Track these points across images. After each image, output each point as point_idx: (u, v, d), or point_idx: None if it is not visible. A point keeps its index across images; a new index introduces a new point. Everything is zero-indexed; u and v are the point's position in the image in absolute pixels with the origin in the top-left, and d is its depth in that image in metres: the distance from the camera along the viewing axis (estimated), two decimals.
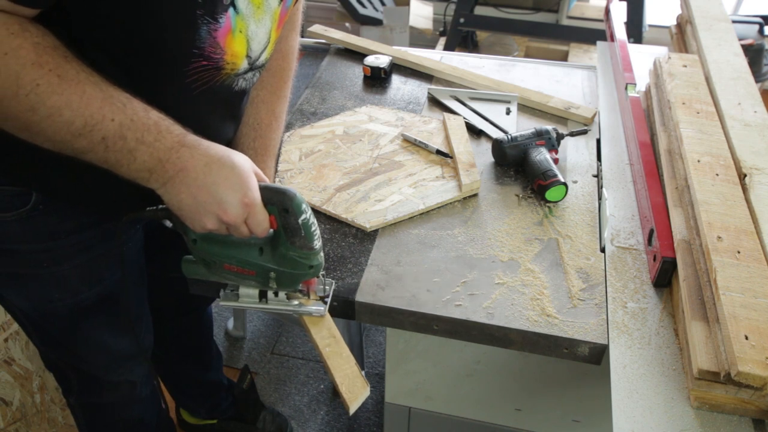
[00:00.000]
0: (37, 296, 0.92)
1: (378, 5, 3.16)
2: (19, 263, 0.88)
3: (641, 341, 0.77)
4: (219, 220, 0.71)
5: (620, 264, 0.89)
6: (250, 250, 0.78)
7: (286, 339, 1.89)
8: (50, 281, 0.90)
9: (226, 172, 0.70)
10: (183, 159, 0.69)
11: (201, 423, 1.58)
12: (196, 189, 0.70)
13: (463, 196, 1.02)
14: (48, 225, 0.85)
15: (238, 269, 0.79)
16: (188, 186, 0.69)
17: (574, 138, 1.17)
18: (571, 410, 1.04)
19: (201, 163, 0.69)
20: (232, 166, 0.70)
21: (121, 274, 0.96)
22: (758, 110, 1.00)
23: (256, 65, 0.80)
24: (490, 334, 0.82)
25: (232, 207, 0.70)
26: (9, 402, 1.32)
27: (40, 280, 0.90)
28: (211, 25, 0.68)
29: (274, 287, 0.80)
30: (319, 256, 0.77)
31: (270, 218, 0.73)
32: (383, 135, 1.17)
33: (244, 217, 0.72)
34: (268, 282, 0.79)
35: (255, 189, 0.72)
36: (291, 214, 0.72)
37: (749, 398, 0.66)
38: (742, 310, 0.67)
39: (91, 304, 0.95)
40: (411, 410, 1.13)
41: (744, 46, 1.23)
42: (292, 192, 0.72)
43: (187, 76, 0.73)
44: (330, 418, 1.68)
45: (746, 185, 0.85)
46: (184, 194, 0.70)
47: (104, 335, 1.01)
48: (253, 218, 0.72)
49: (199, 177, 0.69)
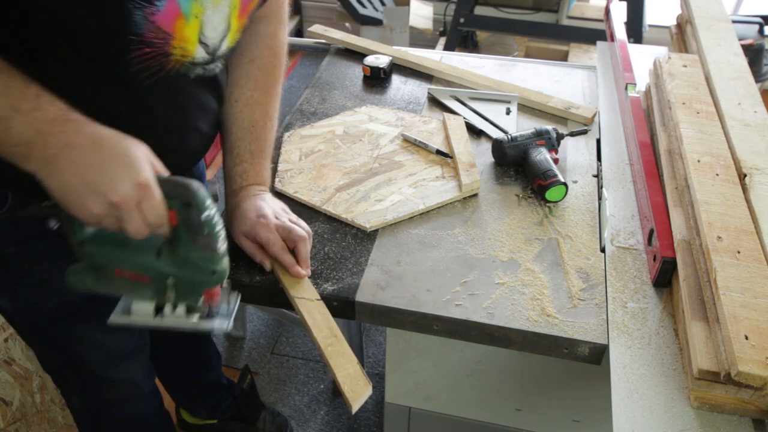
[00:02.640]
0: (23, 299, 0.91)
1: (378, 5, 3.16)
2: (1, 266, 0.86)
3: (641, 341, 0.77)
4: (108, 203, 0.63)
5: (620, 264, 0.89)
6: (146, 252, 0.71)
7: (286, 339, 1.89)
8: (33, 284, 0.89)
9: (118, 151, 0.63)
10: (68, 134, 0.62)
11: (201, 423, 1.58)
12: (83, 168, 0.62)
13: (463, 196, 1.02)
14: (27, 227, 0.82)
15: (131, 275, 0.72)
16: (74, 164, 0.62)
17: (574, 138, 1.17)
18: (571, 410, 1.04)
19: (89, 140, 0.63)
20: (126, 146, 0.64)
21: None
22: (758, 110, 1.00)
23: (217, 55, 0.77)
24: (490, 334, 0.82)
25: (122, 185, 0.62)
26: (9, 402, 1.32)
27: (24, 282, 0.89)
28: (146, 9, 0.66)
29: (172, 298, 0.73)
30: (223, 261, 0.70)
31: (170, 213, 0.67)
32: (383, 135, 1.17)
33: (136, 200, 0.64)
34: (165, 291, 0.72)
35: (149, 171, 0.65)
36: (193, 209, 0.66)
37: (749, 398, 0.66)
38: (742, 310, 0.67)
39: (79, 305, 0.93)
40: (411, 410, 1.13)
41: (744, 46, 1.23)
42: (195, 185, 0.66)
43: (132, 65, 0.70)
44: (330, 418, 1.68)
45: (746, 185, 0.85)
46: (69, 174, 0.62)
47: (98, 334, 1.00)
48: (148, 202, 0.64)
49: (87, 154, 0.62)
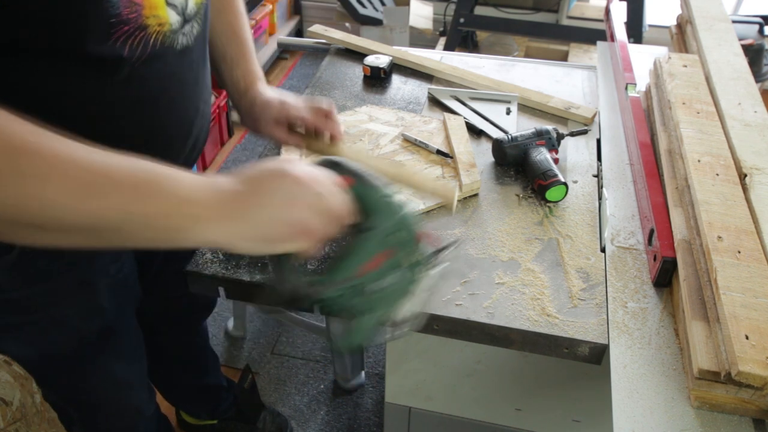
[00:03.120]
0: (38, 341, 0.89)
1: (378, 5, 3.16)
2: (12, 311, 0.84)
3: (641, 341, 0.77)
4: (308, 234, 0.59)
5: (620, 264, 0.89)
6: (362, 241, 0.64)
7: (286, 339, 1.89)
8: (49, 324, 0.87)
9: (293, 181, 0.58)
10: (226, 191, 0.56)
11: (201, 423, 1.58)
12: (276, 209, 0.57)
13: (464, 196, 1.02)
14: (38, 266, 0.80)
15: (372, 264, 0.64)
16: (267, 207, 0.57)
17: (574, 138, 1.17)
18: (571, 410, 1.04)
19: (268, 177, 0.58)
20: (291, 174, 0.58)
21: (117, 304, 0.93)
22: (758, 110, 1.00)
23: (188, 15, 0.74)
24: (490, 333, 0.82)
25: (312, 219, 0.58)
26: (9, 402, 1.32)
27: (39, 324, 0.86)
28: None
29: (406, 261, 0.66)
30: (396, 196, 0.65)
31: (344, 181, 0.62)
32: (383, 135, 1.17)
33: (327, 220, 0.59)
34: (399, 262, 0.65)
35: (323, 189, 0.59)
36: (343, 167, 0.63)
37: (749, 398, 0.66)
38: (743, 310, 0.67)
39: (94, 339, 0.93)
40: (411, 410, 1.13)
41: (744, 46, 1.23)
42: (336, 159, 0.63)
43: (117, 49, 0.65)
44: (330, 418, 1.68)
45: (746, 185, 0.85)
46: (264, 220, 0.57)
47: (112, 366, 0.99)
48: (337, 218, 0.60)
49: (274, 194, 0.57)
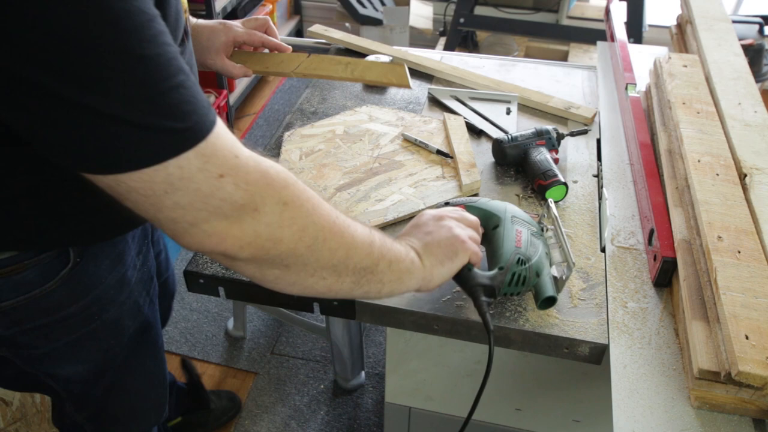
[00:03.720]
0: (94, 353, 0.89)
1: (378, 5, 3.16)
2: (73, 328, 0.84)
3: (641, 341, 0.77)
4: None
5: (620, 264, 0.89)
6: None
7: (286, 339, 1.89)
8: (104, 330, 0.88)
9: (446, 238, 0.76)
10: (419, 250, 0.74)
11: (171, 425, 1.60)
12: (441, 255, 0.75)
13: (464, 195, 1.02)
14: (88, 276, 0.81)
15: (518, 239, 0.82)
16: (438, 256, 0.75)
17: (574, 138, 1.17)
18: (571, 410, 1.04)
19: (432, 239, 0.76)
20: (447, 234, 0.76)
21: (148, 297, 0.94)
22: (758, 110, 1.00)
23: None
24: None
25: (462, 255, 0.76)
26: (9, 402, 1.32)
27: (96, 333, 0.87)
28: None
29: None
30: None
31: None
32: (383, 135, 1.17)
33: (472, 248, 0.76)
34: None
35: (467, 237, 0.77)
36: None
37: (749, 398, 0.66)
38: (743, 310, 0.67)
39: (138, 335, 0.94)
40: (411, 410, 1.13)
41: (744, 46, 1.23)
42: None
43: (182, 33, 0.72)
44: (330, 418, 1.68)
45: (746, 185, 0.85)
46: (438, 266, 0.75)
47: (145, 361, 0.99)
48: (474, 242, 0.78)
49: (441, 246, 0.75)
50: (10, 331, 0.79)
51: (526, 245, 0.81)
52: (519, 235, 0.82)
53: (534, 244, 0.82)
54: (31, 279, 0.75)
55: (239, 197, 0.55)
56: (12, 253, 0.73)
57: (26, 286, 0.75)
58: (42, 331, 0.81)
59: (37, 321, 0.79)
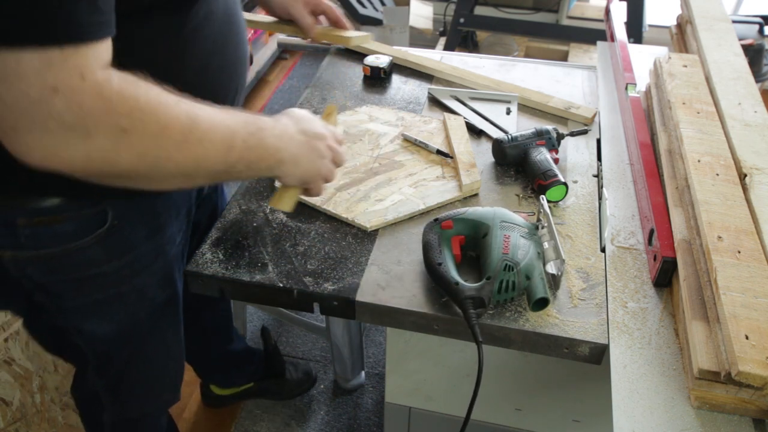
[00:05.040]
0: (121, 314, 0.92)
1: (378, 5, 3.15)
2: (103, 287, 0.87)
3: (641, 341, 0.77)
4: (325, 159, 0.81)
5: (620, 264, 0.89)
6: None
7: (286, 339, 1.89)
8: (133, 295, 0.90)
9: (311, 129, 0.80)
10: (288, 134, 0.77)
11: (238, 390, 1.65)
12: (304, 151, 0.79)
13: (464, 196, 1.02)
14: (123, 239, 0.85)
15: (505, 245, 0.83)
16: (299, 152, 0.78)
17: (574, 138, 1.17)
18: (571, 410, 1.04)
19: (295, 132, 0.78)
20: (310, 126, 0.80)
21: (180, 272, 0.98)
22: (758, 110, 1.00)
23: None
24: (490, 333, 0.82)
25: (326, 151, 0.82)
26: (9, 402, 1.32)
27: (124, 296, 0.90)
28: None
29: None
30: None
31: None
32: (383, 135, 1.17)
33: (334, 150, 0.83)
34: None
35: (328, 131, 0.83)
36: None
37: (749, 398, 0.66)
38: (743, 310, 0.67)
39: (164, 306, 0.97)
40: (411, 410, 1.13)
41: (744, 46, 1.23)
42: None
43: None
44: (330, 418, 1.68)
45: (746, 185, 0.85)
46: (303, 160, 0.79)
47: (166, 334, 1.03)
48: (338, 149, 0.84)
49: (301, 143, 0.78)
50: (45, 278, 0.83)
51: (514, 250, 0.82)
52: (507, 240, 0.83)
53: (523, 246, 0.83)
54: (69, 231, 0.79)
55: (69, 118, 0.54)
56: (55, 203, 0.76)
57: (64, 237, 0.79)
58: (74, 284, 0.85)
59: (71, 274, 0.83)
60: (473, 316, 0.78)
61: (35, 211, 0.76)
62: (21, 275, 0.82)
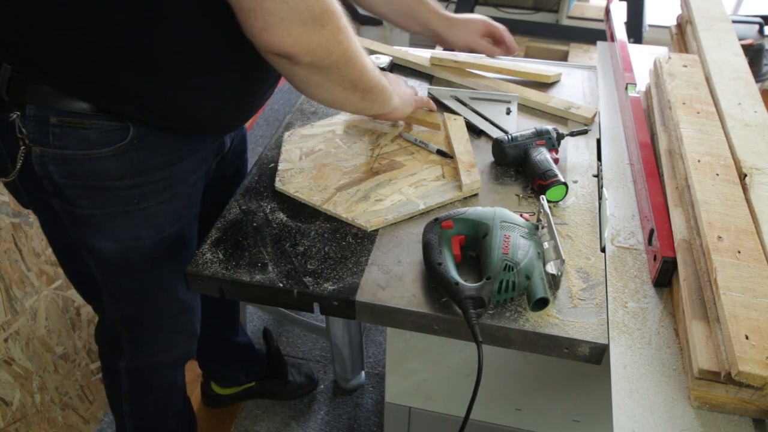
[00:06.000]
0: (126, 235, 0.97)
1: None
2: (113, 201, 0.92)
3: (641, 341, 0.77)
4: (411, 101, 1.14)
5: (620, 264, 0.89)
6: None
7: (286, 339, 1.89)
8: (139, 218, 0.95)
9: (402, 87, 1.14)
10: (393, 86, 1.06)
11: (239, 389, 1.65)
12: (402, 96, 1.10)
13: (464, 196, 1.02)
14: (139, 160, 0.90)
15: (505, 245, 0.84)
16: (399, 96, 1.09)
17: (574, 138, 1.17)
18: (571, 410, 1.04)
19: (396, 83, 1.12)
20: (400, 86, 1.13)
21: (191, 216, 1.03)
22: (758, 110, 1.00)
23: None
24: (490, 333, 0.82)
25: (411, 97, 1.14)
26: (9, 402, 1.32)
27: (131, 217, 0.95)
28: None
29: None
30: None
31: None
32: (384, 135, 1.17)
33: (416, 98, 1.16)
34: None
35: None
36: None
37: (750, 398, 0.66)
38: (743, 310, 0.67)
39: (170, 243, 1.01)
40: (411, 410, 1.13)
41: (744, 46, 1.23)
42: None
43: None
44: (330, 418, 1.68)
45: (746, 185, 0.86)
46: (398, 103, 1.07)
47: (175, 285, 1.07)
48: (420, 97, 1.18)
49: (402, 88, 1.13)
50: (63, 180, 0.89)
51: (513, 250, 0.82)
52: (507, 240, 0.83)
53: (523, 246, 0.83)
54: (92, 139, 0.86)
55: (317, 9, 0.74)
56: (85, 108, 0.84)
57: (86, 143, 0.86)
58: (87, 192, 0.91)
59: (86, 180, 0.89)
60: (473, 316, 0.78)
61: (66, 113, 0.84)
62: (44, 173, 0.88)
